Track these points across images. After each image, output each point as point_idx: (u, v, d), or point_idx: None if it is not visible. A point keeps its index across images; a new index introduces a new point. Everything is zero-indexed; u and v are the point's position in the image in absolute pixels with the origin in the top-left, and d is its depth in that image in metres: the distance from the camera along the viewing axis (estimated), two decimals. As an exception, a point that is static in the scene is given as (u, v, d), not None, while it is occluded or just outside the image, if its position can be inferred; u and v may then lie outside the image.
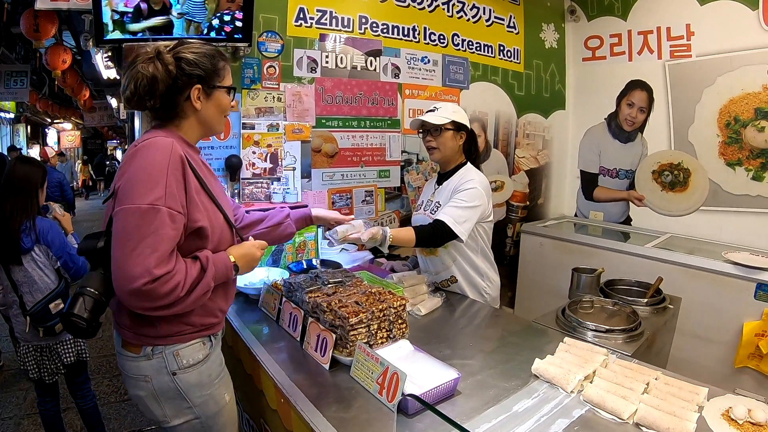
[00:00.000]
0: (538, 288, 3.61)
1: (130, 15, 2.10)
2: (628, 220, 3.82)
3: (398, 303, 1.54)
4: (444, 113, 2.08)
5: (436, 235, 1.96)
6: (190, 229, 1.23)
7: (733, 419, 1.31)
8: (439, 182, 2.21)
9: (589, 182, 4.01)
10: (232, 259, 1.32)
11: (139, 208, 1.13)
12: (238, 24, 2.23)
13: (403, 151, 3.02)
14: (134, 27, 2.11)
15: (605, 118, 3.85)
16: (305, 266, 2.22)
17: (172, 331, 1.28)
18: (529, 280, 3.73)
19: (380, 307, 1.48)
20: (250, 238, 1.46)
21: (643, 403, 1.29)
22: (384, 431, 1.18)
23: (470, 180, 2.05)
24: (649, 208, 3.68)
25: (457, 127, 2.09)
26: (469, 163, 2.17)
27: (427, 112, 2.12)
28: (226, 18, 2.21)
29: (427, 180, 2.87)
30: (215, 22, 2.20)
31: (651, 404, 1.29)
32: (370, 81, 2.84)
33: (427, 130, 2.12)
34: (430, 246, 2.12)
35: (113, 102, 9.70)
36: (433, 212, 2.10)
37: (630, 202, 3.79)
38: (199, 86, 1.28)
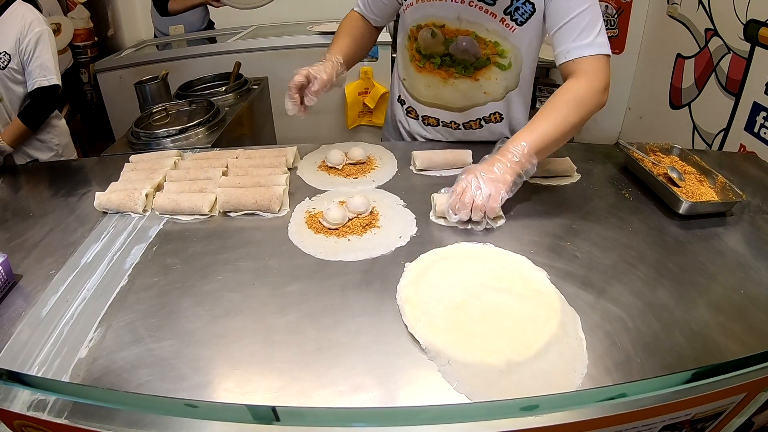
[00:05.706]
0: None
1: None
2: (210, 25, 3.58)
3: None
4: None
5: (43, 104, 1.72)
6: None
7: (331, 167, 1.29)
8: None
9: (159, -3, 3.48)
10: None
11: None
12: None
13: None
14: None
15: None
16: None
17: None
18: (122, 122, 3.14)
19: None
20: None
21: (221, 187, 1.13)
22: None
23: (32, 21, 1.67)
24: (228, 6, 3.47)
25: None
26: None
27: None
28: None
29: None
30: None
31: (231, 185, 1.15)
32: None
33: None
34: (42, 120, 1.78)
35: None
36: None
37: (207, 6, 3.50)
38: None
